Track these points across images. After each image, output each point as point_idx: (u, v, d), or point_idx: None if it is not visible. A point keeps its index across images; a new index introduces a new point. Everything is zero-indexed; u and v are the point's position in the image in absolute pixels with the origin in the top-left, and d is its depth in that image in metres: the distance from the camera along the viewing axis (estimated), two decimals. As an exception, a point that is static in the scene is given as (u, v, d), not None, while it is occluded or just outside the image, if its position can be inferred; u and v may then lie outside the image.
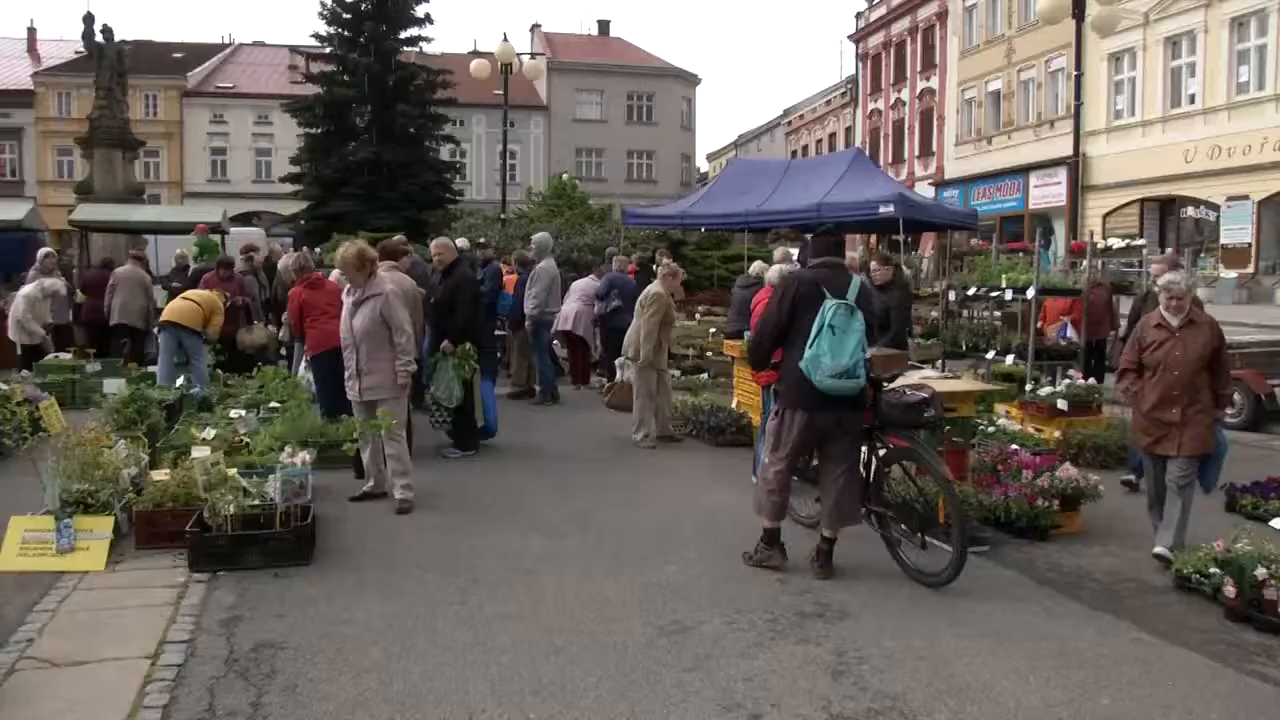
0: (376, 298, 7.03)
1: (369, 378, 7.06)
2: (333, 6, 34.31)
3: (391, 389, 7.08)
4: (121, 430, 7.75)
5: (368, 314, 6.99)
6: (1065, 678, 4.39)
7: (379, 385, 7.06)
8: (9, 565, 5.68)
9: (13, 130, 45.81)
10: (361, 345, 7.02)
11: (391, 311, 7.01)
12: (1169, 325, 6.16)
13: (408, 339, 7.08)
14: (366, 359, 7.02)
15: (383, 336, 6.99)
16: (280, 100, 39.83)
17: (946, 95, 35.13)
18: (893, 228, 16.46)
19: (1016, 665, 4.51)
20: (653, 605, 5.23)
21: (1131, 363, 6.34)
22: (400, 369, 7.05)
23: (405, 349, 7.06)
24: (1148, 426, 6.23)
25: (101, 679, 4.29)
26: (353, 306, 7.10)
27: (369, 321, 6.98)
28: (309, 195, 34.37)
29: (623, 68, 52.86)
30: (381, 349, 7.01)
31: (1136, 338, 6.36)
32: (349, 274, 7.20)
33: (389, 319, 6.99)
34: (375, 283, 7.13)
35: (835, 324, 5.50)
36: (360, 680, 4.28)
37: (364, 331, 6.99)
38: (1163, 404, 6.11)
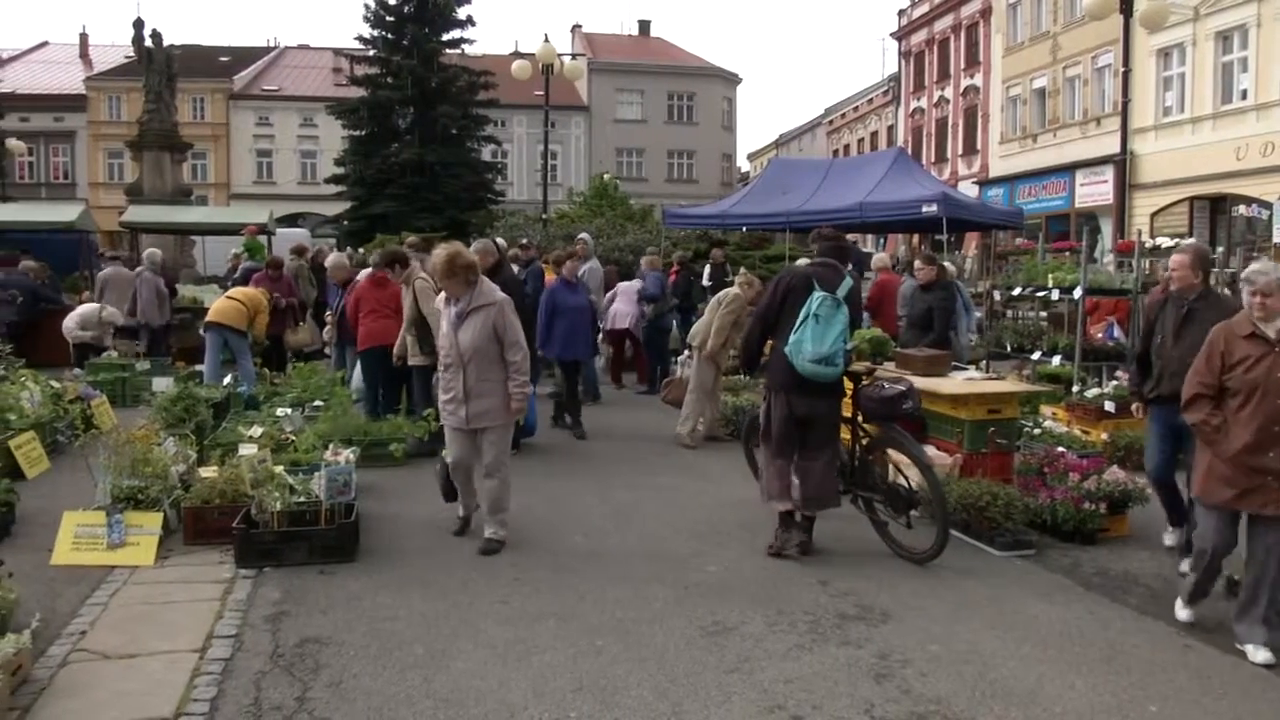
0: (487, 308, 6.05)
1: (478, 402, 6.05)
2: (376, 10, 34.67)
3: (504, 414, 6.13)
4: (170, 428, 7.89)
5: (477, 327, 6.01)
6: (1113, 683, 4.32)
7: (490, 410, 6.08)
8: (63, 559, 5.80)
9: (65, 134, 46.72)
10: (470, 364, 6.02)
11: (506, 324, 6.05)
12: (1264, 336, 4.66)
13: (525, 356, 6.14)
14: (477, 380, 6.03)
15: (494, 354, 6.05)
16: (325, 102, 40.30)
17: (991, 93, 34.68)
18: (936, 227, 16.31)
19: (1062, 670, 4.45)
20: (694, 605, 5.22)
21: (1208, 386, 4.77)
22: (515, 390, 6.09)
23: (521, 368, 6.11)
24: (1233, 475, 4.66)
25: (151, 671, 4.37)
26: (456, 319, 6.08)
27: (479, 336, 6.01)
28: (352, 196, 34.76)
29: (663, 67, 52.82)
30: (493, 368, 6.06)
31: (1212, 353, 4.78)
32: (443, 283, 6.25)
33: (502, 333, 6.04)
34: (483, 291, 6.12)
35: (820, 314, 5.90)
36: (404, 677, 4.32)
37: (474, 348, 6.01)
38: (1262, 444, 4.56)
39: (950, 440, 7.16)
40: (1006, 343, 11.04)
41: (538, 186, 31.21)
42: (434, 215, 30.92)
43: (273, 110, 48.52)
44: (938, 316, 9.24)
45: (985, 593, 5.46)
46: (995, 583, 5.65)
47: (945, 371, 7.73)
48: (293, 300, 13.10)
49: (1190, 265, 5.80)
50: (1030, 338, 10.91)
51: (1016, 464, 7.06)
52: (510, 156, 47.53)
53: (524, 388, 6.11)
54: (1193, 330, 5.60)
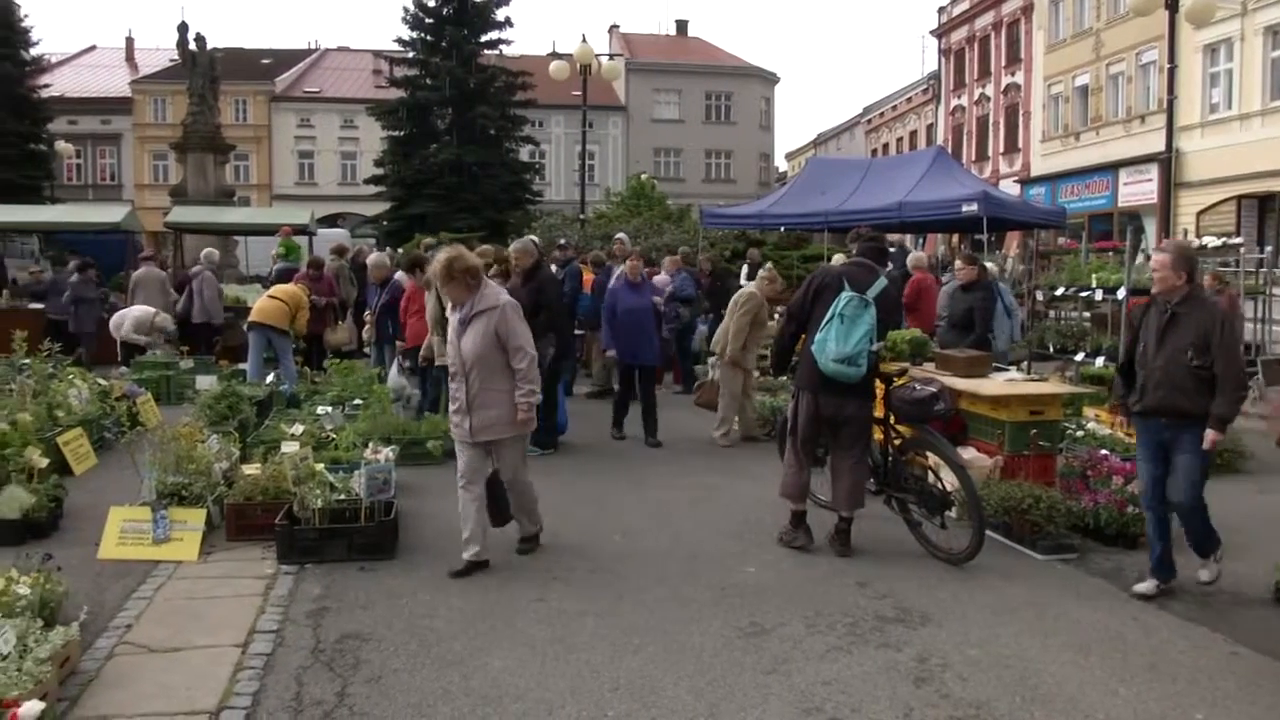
0: (489, 313, 5.63)
1: (482, 413, 5.65)
2: (415, 12, 34.91)
3: (510, 425, 5.70)
4: (214, 425, 8.00)
5: (479, 333, 5.61)
6: (1157, 690, 4.25)
7: (495, 422, 5.66)
8: (109, 554, 5.91)
9: (112, 136, 47.56)
10: (473, 372, 5.64)
11: (509, 328, 5.61)
12: None
13: (530, 362, 5.67)
14: (480, 389, 5.64)
15: (498, 362, 5.62)
16: (365, 104, 40.65)
17: (1032, 90, 34.27)
18: (976, 227, 16.15)
19: (1105, 676, 4.39)
20: (731, 606, 5.21)
21: None
22: (520, 400, 5.64)
23: (528, 375, 5.65)
24: None
25: (194, 665, 4.43)
26: (459, 325, 5.74)
27: (481, 343, 5.60)
28: (392, 196, 35.03)
29: (701, 67, 52.76)
30: (497, 376, 5.63)
31: None
32: (443, 289, 6.06)
33: (505, 338, 5.61)
34: (485, 295, 5.71)
35: (846, 313, 5.90)
36: (443, 673, 4.35)
37: (476, 355, 5.61)
38: None
39: (991, 442, 7.09)
40: (1049, 343, 10.90)
41: (575, 187, 31.30)
42: (472, 215, 31.08)
43: (314, 112, 49.05)
44: (978, 317, 9.17)
45: (1026, 596, 5.40)
46: (1036, 587, 5.58)
47: (986, 372, 7.66)
48: (333, 299, 13.25)
49: (1172, 265, 5.34)
50: (1073, 338, 10.77)
51: (1059, 466, 6.99)
52: (548, 157, 47.65)
53: (530, 397, 5.66)
54: (1176, 336, 5.26)
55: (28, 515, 6.26)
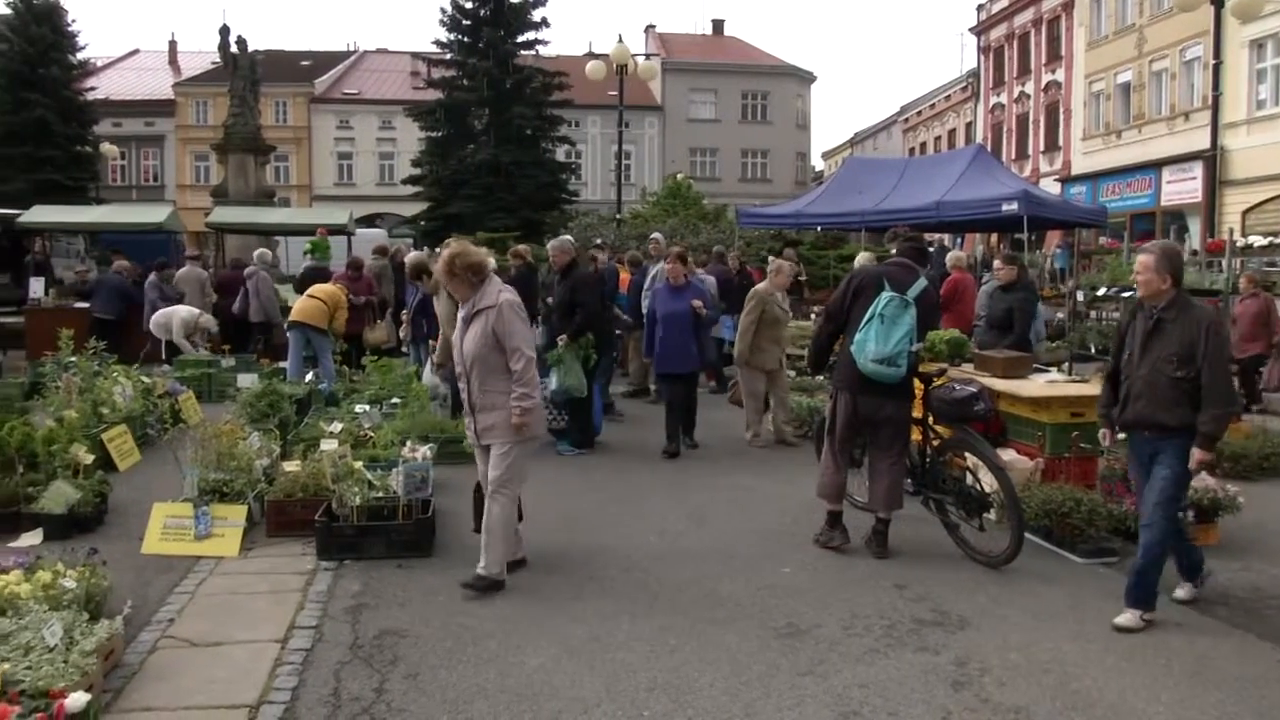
0: (487, 312, 5.41)
1: (484, 415, 5.48)
2: (453, 14, 35.17)
3: (508, 430, 5.43)
4: (254, 423, 8.10)
5: (478, 332, 5.42)
6: (1201, 698, 4.19)
7: (495, 425, 5.45)
8: (152, 549, 6.00)
9: (155, 138, 48.30)
10: (473, 373, 5.47)
11: (506, 328, 5.36)
12: None
13: (528, 364, 5.39)
14: (480, 391, 5.47)
15: (497, 361, 5.40)
16: (403, 105, 41.01)
17: (1073, 88, 33.82)
18: (1016, 226, 16.01)
19: (1148, 682, 4.32)
20: (767, 606, 5.20)
21: None
22: (514, 404, 5.36)
23: (523, 377, 5.38)
24: None
25: (235, 659, 4.50)
26: (463, 324, 5.59)
27: (478, 342, 5.40)
28: (429, 196, 35.32)
29: (737, 67, 52.62)
30: (496, 377, 5.42)
31: None
32: (448, 288, 5.92)
33: (503, 338, 5.37)
34: (487, 292, 5.50)
35: (885, 314, 5.85)
36: (479, 671, 4.37)
37: (473, 356, 5.43)
38: None
39: (1032, 444, 7.01)
40: (1090, 344, 10.77)
41: (611, 186, 31.41)
42: (508, 215, 31.26)
43: (353, 113, 49.50)
44: (1018, 317, 9.06)
45: (1067, 601, 5.33)
46: (1077, 591, 5.51)
47: (1026, 373, 7.57)
48: (371, 298, 13.37)
49: (1155, 268, 4.97)
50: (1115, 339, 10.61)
51: (1100, 469, 6.88)
52: (584, 157, 47.75)
53: (525, 401, 5.35)
54: (1159, 344, 4.94)
55: (73, 510, 6.38)
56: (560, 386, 8.92)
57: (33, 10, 35.82)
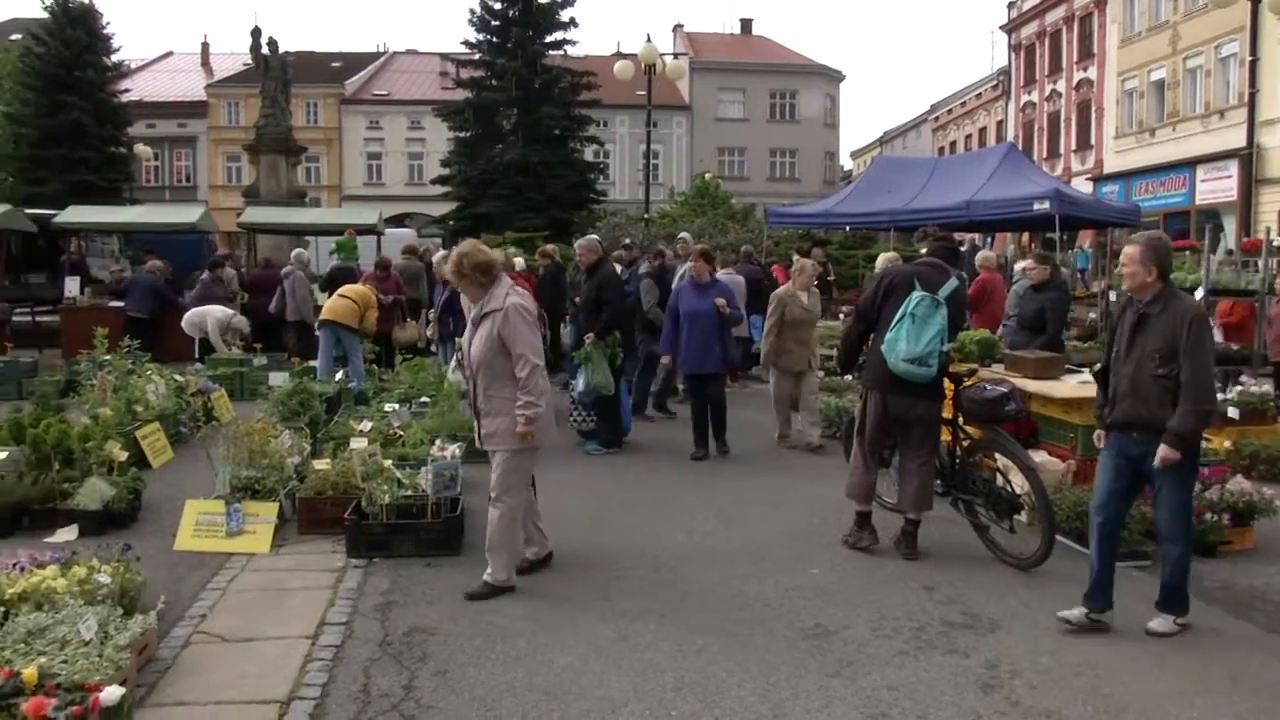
0: (494, 315, 5.27)
1: (488, 421, 5.36)
2: (482, 14, 35.31)
3: (510, 437, 5.28)
4: (285, 421, 8.17)
5: (484, 335, 5.29)
6: (1236, 705, 4.13)
7: (498, 432, 5.31)
8: (185, 545, 6.07)
9: (188, 139, 48.84)
10: (479, 377, 5.36)
11: (512, 332, 5.19)
12: None
13: (533, 371, 5.21)
14: (484, 395, 5.35)
15: (503, 366, 5.26)
16: (432, 105, 41.24)
17: (1105, 86, 33.45)
18: (1048, 225, 15.86)
19: (1182, 688, 4.27)
20: (796, 607, 5.18)
21: None
22: (519, 411, 5.19)
23: (528, 385, 5.19)
24: None
25: (266, 655, 4.54)
26: (471, 326, 5.49)
27: (484, 346, 5.28)
28: (458, 196, 35.47)
29: (765, 66, 52.47)
30: (501, 382, 5.28)
31: None
32: (458, 287, 5.83)
33: (509, 343, 5.21)
34: (495, 295, 5.34)
35: (916, 313, 5.83)
36: (507, 669, 4.39)
37: (479, 359, 5.32)
38: None
39: (1063, 446, 6.95)
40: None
41: (640, 186, 31.39)
42: (537, 215, 31.35)
43: (382, 114, 49.81)
44: (1051, 317, 8.97)
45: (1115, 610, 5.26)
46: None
47: (1058, 374, 7.50)
48: (399, 297, 13.46)
49: (1140, 260, 4.77)
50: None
51: (1133, 471, 6.79)
52: (612, 156, 47.81)
53: (529, 410, 5.17)
54: (1144, 340, 4.76)
55: (108, 506, 6.46)
56: (588, 385, 8.93)
57: (68, 14, 36.34)
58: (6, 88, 36.42)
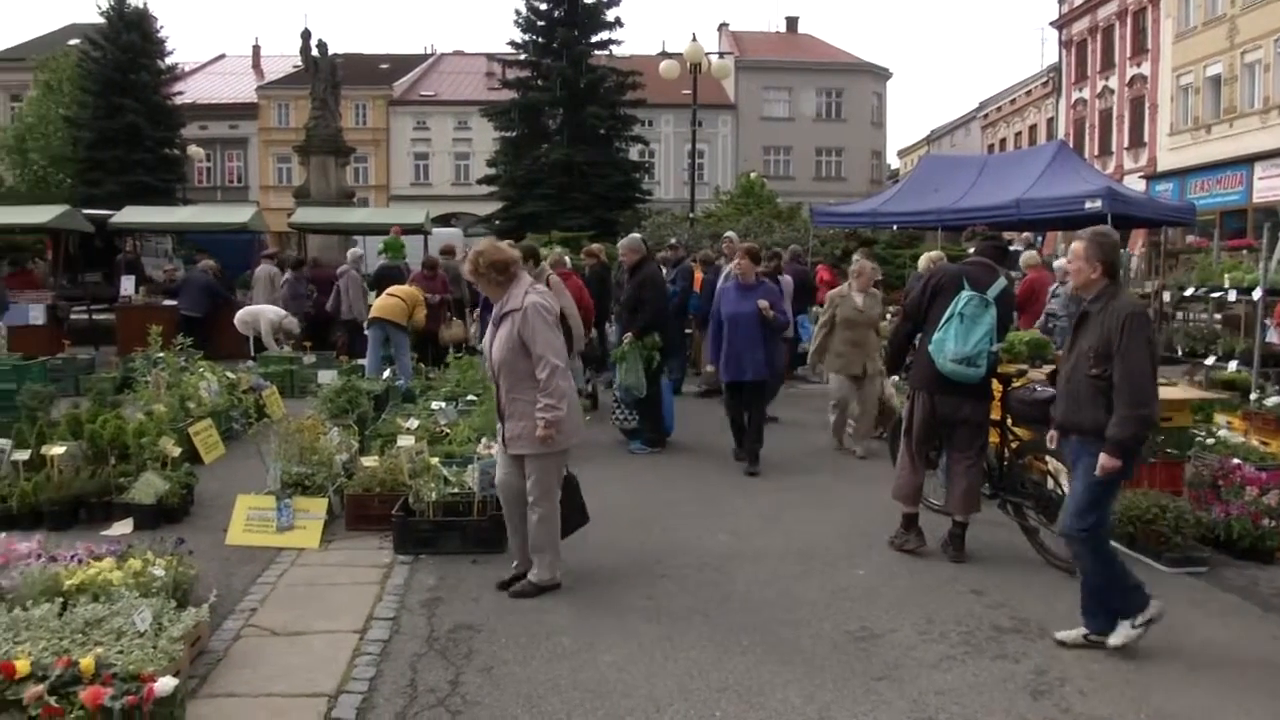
0: (513, 315, 5.17)
1: (511, 423, 5.24)
2: (527, 15, 35.49)
3: (532, 441, 5.18)
4: (334, 418, 8.27)
5: (504, 335, 5.20)
6: (1297, 713, 4.03)
7: (521, 435, 5.20)
8: (236, 540, 6.17)
9: (239, 140, 49.62)
10: (500, 378, 5.27)
11: (532, 333, 5.10)
12: None
13: (553, 373, 5.10)
14: (507, 397, 5.25)
15: (523, 368, 5.15)
16: (478, 106, 41.53)
17: (1159, 82, 32.85)
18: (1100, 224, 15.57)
19: (1238, 698, 4.17)
20: (842, 609, 5.15)
21: None
22: (539, 415, 5.10)
23: (548, 387, 5.10)
24: None
25: (315, 649, 4.60)
26: (492, 327, 5.41)
27: (504, 346, 5.19)
28: (504, 196, 35.69)
29: (811, 64, 52.17)
30: (523, 384, 5.18)
31: None
32: (477, 287, 5.72)
33: (529, 344, 5.12)
34: (515, 294, 5.24)
35: (965, 313, 5.76)
36: (552, 666, 4.40)
37: (500, 360, 5.23)
38: None
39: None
40: (1177, 346, 10.44)
41: (685, 185, 31.32)
42: (582, 215, 31.45)
43: (429, 115, 50.25)
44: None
45: (1152, 609, 5.17)
46: (1162, 600, 5.33)
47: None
48: (446, 297, 13.58)
49: (1085, 255, 4.64)
50: (1203, 341, 10.29)
51: (1187, 475, 6.68)
52: (657, 156, 47.86)
53: (550, 413, 5.08)
54: (1084, 339, 4.65)
55: (162, 501, 6.59)
56: (621, 385, 8.96)
57: (124, 18, 37.09)
58: (65, 91, 37.25)
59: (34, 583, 4.56)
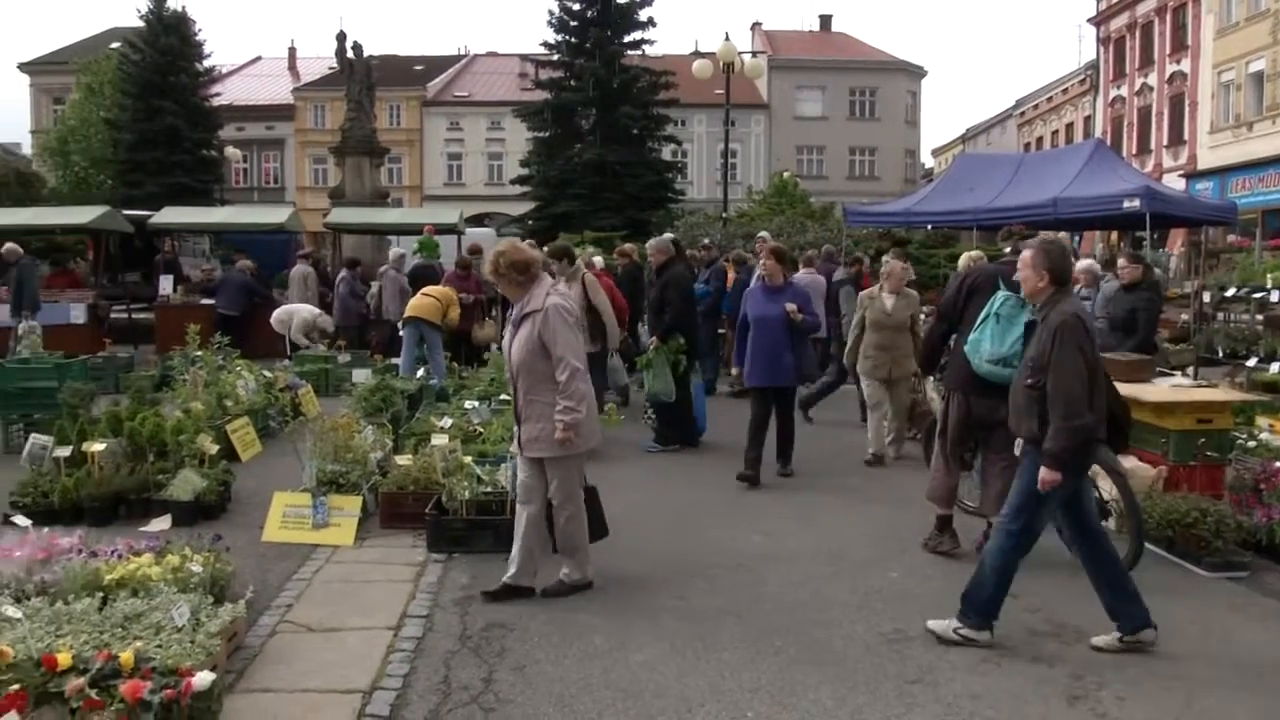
0: (533, 316, 5.13)
1: (529, 426, 5.18)
2: (560, 15, 35.59)
3: (551, 444, 5.13)
4: (369, 417, 8.33)
5: (524, 337, 5.15)
6: (1342, 721, 3.96)
7: (539, 437, 5.14)
8: (272, 536, 6.24)
9: (276, 141, 50.16)
10: (519, 379, 5.22)
11: (552, 334, 5.05)
12: None
13: (572, 375, 5.06)
14: (525, 399, 5.20)
15: (543, 369, 5.10)
16: (511, 106, 41.70)
17: (1200, 78, 32.36)
18: (1138, 224, 15.38)
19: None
20: (875, 611, 5.12)
21: None
22: (557, 417, 5.06)
23: (567, 389, 5.06)
24: None
25: (350, 645, 4.64)
26: (511, 328, 5.35)
27: (523, 348, 5.15)
28: (536, 196, 35.82)
29: (844, 63, 51.89)
30: (542, 386, 5.13)
31: None
32: (498, 287, 5.64)
33: (549, 345, 5.07)
34: (535, 295, 5.19)
35: (1001, 313, 5.67)
36: (584, 666, 4.41)
37: (519, 362, 5.18)
38: None
39: (1154, 451, 6.73)
40: (1218, 347, 10.29)
41: (717, 185, 31.28)
42: (615, 214, 31.49)
43: (462, 115, 50.53)
44: (1142, 319, 8.68)
45: (1190, 615, 5.10)
46: (1202, 605, 5.27)
47: (1150, 377, 7.27)
48: (480, 296, 13.66)
49: (1032, 264, 4.67)
50: (1244, 343, 10.13)
51: (1228, 479, 6.56)
52: (690, 155, 47.83)
53: (568, 415, 5.03)
54: (1030, 348, 4.73)
55: (199, 497, 6.68)
56: (649, 391, 8.97)
57: (163, 22, 37.61)
58: (106, 94, 37.87)
59: (75, 577, 4.63)
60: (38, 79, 49.75)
